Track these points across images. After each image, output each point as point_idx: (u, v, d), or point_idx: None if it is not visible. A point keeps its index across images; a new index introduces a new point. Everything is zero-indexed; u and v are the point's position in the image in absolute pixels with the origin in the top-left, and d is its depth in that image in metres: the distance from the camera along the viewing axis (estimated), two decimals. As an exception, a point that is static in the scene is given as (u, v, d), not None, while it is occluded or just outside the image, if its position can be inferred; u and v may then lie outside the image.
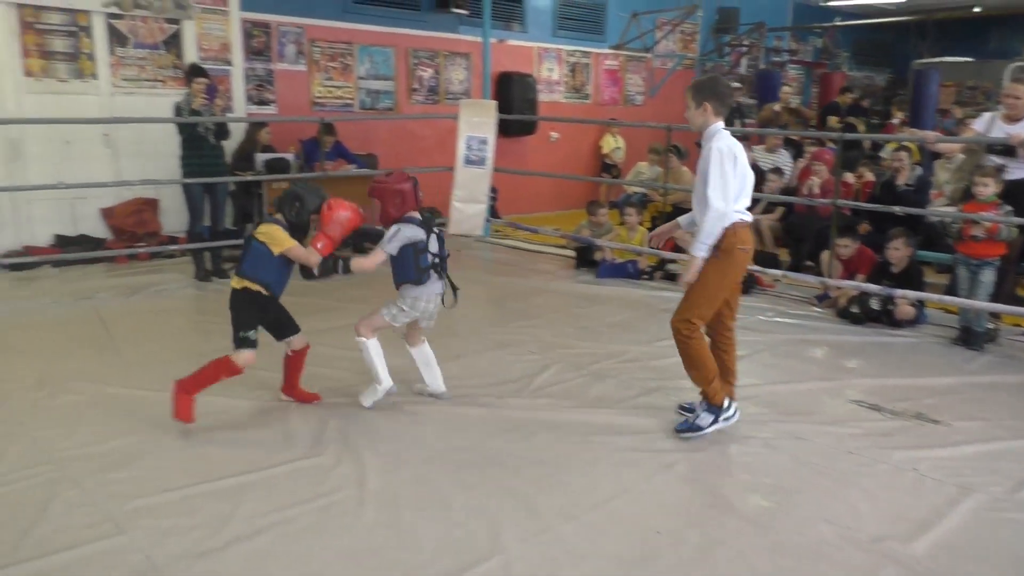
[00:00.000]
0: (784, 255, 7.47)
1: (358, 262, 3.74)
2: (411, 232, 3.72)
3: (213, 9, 8.08)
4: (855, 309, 5.66)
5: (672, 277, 6.74)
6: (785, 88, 11.03)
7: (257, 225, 3.75)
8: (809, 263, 6.96)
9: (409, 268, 3.76)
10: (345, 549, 2.76)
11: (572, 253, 7.67)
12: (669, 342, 5.15)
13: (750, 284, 6.43)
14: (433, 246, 3.80)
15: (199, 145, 6.56)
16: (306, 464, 3.38)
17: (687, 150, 8.81)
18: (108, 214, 7.63)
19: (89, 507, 2.98)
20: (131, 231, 7.61)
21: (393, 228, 3.72)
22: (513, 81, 10.53)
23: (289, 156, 7.77)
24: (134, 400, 4.01)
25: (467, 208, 8.07)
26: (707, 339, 3.73)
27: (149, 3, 7.62)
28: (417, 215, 3.82)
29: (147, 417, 3.80)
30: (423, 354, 4.08)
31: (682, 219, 3.92)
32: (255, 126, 7.84)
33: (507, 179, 9.22)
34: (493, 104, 8.17)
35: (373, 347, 3.87)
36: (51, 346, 4.86)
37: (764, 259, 7.10)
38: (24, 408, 3.90)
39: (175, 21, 7.85)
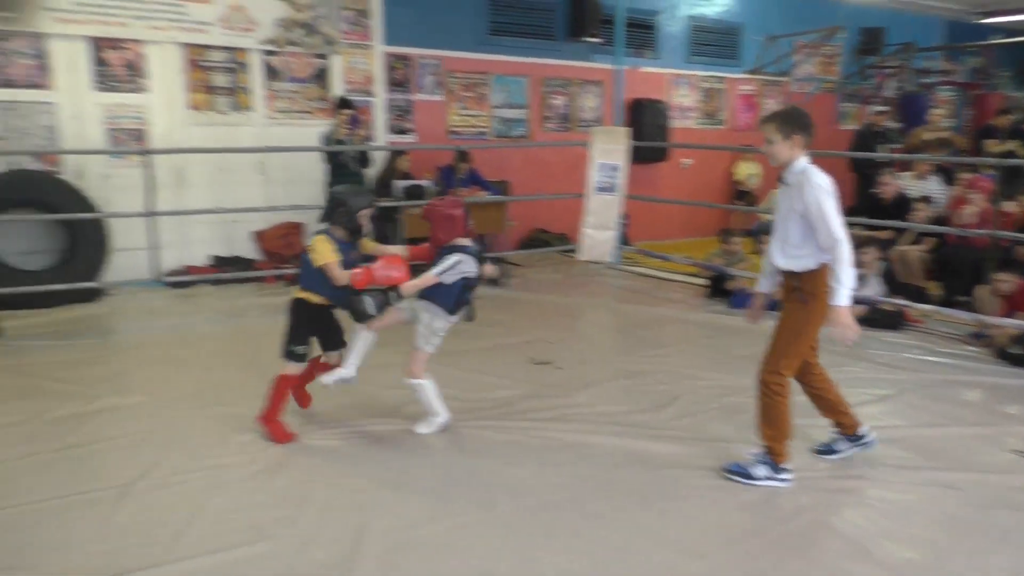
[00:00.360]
0: (935, 289, 7.03)
1: (408, 285, 3.74)
2: (469, 267, 3.80)
3: (359, 44, 8.52)
4: (1016, 350, 5.25)
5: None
6: (936, 111, 10.39)
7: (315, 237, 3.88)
8: (963, 298, 6.51)
9: (451, 297, 3.82)
10: (472, 572, 2.80)
11: (704, 282, 7.52)
12: (806, 377, 4.98)
13: (897, 320, 6.09)
14: (476, 280, 3.88)
15: (343, 172, 6.91)
16: (437, 485, 3.46)
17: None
18: (259, 237, 8.14)
19: (236, 514, 3.16)
20: (279, 253, 8.08)
21: (454, 258, 3.76)
22: (645, 108, 10.48)
23: (426, 183, 8.04)
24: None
25: (598, 235, 8.09)
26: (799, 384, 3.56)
27: (301, 40, 8.12)
28: (470, 245, 3.85)
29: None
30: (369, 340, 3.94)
31: (762, 285, 3.71)
32: (395, 154, 8.16)
33: (638, 206, 9.17)
34: (625, 131, 8.17)
35: (428, 387, 3.93)
36: (206, 359, 5.22)
37: (912, 292, 6.72)
38: (182, 417, 4.20)
39: (324, 56, 8.33)
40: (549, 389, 4.72)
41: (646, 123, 10.36)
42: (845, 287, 3.18)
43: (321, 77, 8.36)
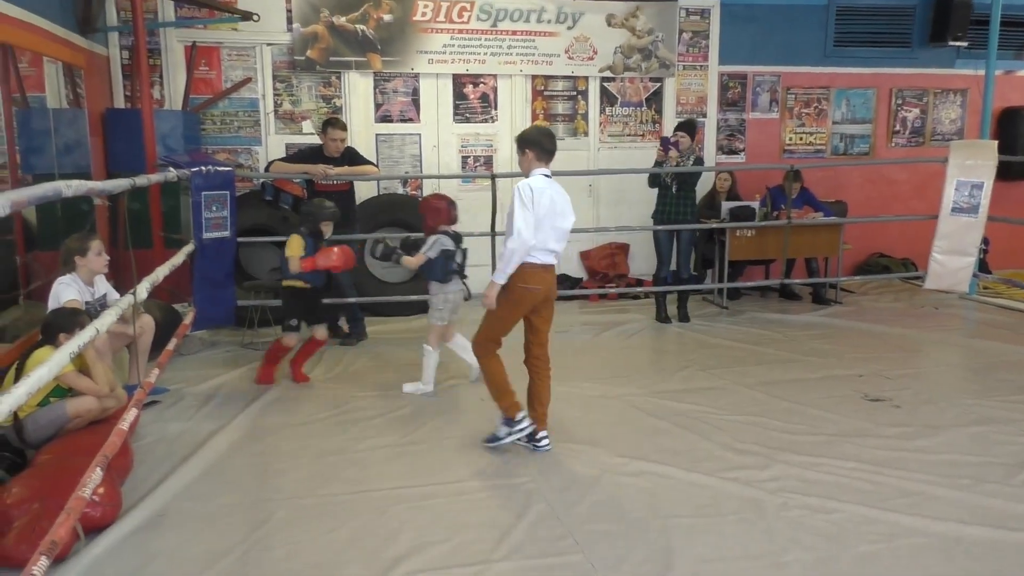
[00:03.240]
0: None
1: (407, 260, 4.92)
2: (446, 242, 4.89)
3: (693, 65, 8.53)
4: None
5: None
6: None
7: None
8: None
9: (438, 270, 4.88)
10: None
11: (1091, 320, 6.37)
12: None
13: None
14: (459, 257, 4.94)
15: (665, 194, 6.95)
16: (749, 521, 3.33)
17: None
18: (585, 256, 8.50)
19: (554, 522, 3.33)
20: (603, 272, 8.37)
21: (432, 238, 4.88)
22: (1021, 117, 9.16)
23: (754, 204, 7.80)
24: (589, 432, 4.40)
25: (949, 261, 7.22)
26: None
27: (637, 65, 8.34)
28: (450, 230, 4.94)
29: (605, 450, 4.13)
30: (457, 343, 5.11)
31: None
32: (718, 174, 8.04)
33: (1003, 229, 8.02)
34: (993, 144, 7.20)
35: (433, 357, 5.01)
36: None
37: None
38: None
39: (658, 79, 8.47)
40: (883, 429, 4.33)
41: (1021, 134, 9.08)
42: (499, 270, 3.89)
43: (653, 100, 8.52)
